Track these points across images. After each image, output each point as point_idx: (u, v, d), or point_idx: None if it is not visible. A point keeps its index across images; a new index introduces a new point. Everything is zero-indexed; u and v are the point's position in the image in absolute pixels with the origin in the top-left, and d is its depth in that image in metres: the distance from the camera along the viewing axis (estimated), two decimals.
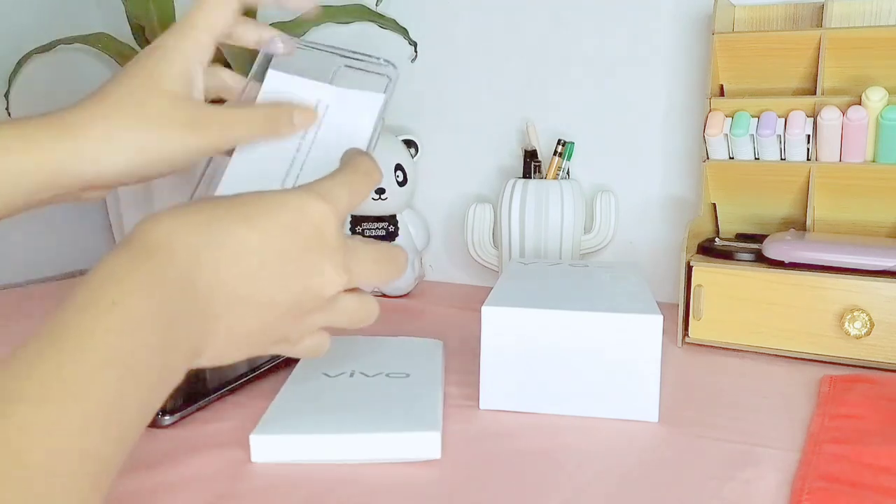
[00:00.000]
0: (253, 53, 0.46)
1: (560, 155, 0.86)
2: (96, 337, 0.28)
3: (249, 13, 0.48)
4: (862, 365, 0.61)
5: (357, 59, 0.45)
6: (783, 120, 0.70)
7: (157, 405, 0.30)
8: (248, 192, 0.35)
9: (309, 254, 0.35)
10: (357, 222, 0.90)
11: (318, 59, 0.46)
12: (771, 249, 0.65)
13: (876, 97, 0.66)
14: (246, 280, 0.34)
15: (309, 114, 0.44)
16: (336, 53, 0.46)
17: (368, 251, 0.38)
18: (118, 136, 0.40)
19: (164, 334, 0.30)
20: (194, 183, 0.46)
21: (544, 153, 0.87)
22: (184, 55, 0.42)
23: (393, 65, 0.45)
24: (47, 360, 0.26)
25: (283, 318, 0.36)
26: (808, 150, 0.70)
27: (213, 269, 0.33)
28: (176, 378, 0.31)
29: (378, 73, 0.45)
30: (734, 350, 0.66)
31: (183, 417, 0.49)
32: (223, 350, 0.34)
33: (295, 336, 0.37)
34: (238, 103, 0.45)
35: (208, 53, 0.44)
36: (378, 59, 0.45)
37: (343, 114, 0.45)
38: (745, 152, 0.73)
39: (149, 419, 0.30)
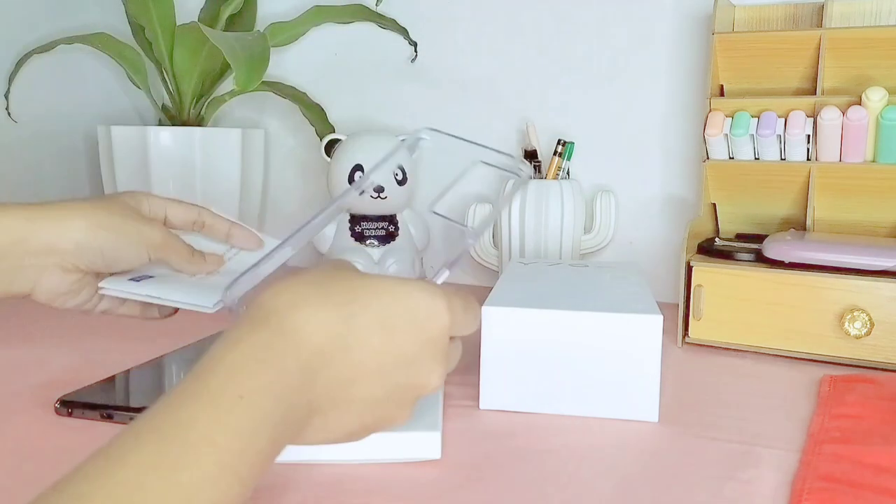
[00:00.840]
0: None
1: (560, 155, 0.86)
2: (217, 439, 0.27)
3: None
4: (862, 365, 0.61)
5: (493, 154, 0.46)
6: (783, 120, 0.70)
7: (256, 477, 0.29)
8: (383, 279, 0.35)
9: (424, 357, 0.35)
10: (357, 221, 0.90)
11: (456, 148, 0.47)
12: (771, 249, 0.65)
13: (876, 97, 0.66)
14: (360, 382, 0.33)
15: (217, 261, 0.54)
16: (476, 144, 0.47)
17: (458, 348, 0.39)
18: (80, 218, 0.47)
19: (276, 432, 0.29)
20: None
21: (544, 153, 0.87)
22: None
23: (525, 165, 0.48)
24: (158, 465, 0.25)
25: (381, 410, 0.35)
26: (808, 150, 0.70)
27: (337, 368, 0.32)
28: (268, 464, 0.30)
29: (512, 173, 0.46)
30: (734, 350, 0.66)
31: None
32: (310, 440, 0.34)
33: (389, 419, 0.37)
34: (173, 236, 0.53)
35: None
36: (513, 157, 0.46)
37: None
38: (745, 152, 0.73)
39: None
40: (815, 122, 0.69)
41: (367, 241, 0.89)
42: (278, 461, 0.42)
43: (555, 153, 0.86)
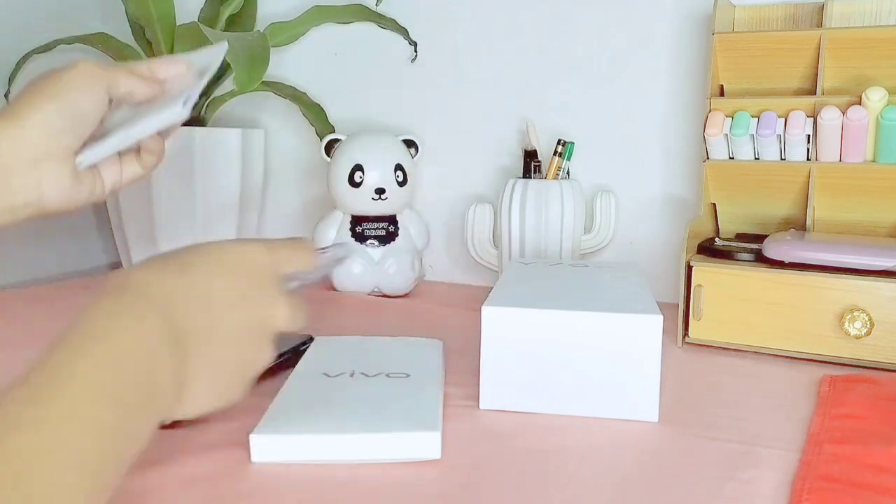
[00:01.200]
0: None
1: (560, 155, 0.86)
2: (88, 370, 0.30)
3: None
4: (862, 365, 0.61)
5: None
6: (783, 120, 0.70)
7: (147, 428, 0.32)
8: (209, 244, 0.39)
9: (258, 291, 0.39)
10: (357, 222, 0.90)
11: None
12: (771, 249, 0.65)
13: (876, 97, 0.66)
14: (213, 315, 0.37)
15: (175, 65, 0.52)
16: None
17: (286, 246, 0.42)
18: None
19: (148, 364, 0.33)
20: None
21: (544, 153, 0.87)
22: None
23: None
24: (44, 390, 0.29)
25: (242, 349, 0.38)
26: (808, 150, 0.70)
27: (185, 308, 0.36)
28: (162, 406, 0.34)
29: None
30: (734, 350, 0.66)
31: None
32: (205, 386, 0.37)
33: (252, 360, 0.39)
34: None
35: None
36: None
37: None
38: (745, 152, 0.73)
39: (140, 440, 0.32)
40: (815, 122, 0.69)
41: (368, 242, 0.89)
42: (279, 461, 0.42)
43: (555, 153, 0.86)
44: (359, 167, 0.87)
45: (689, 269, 0.67)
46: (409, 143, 0.92)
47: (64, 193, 0.47)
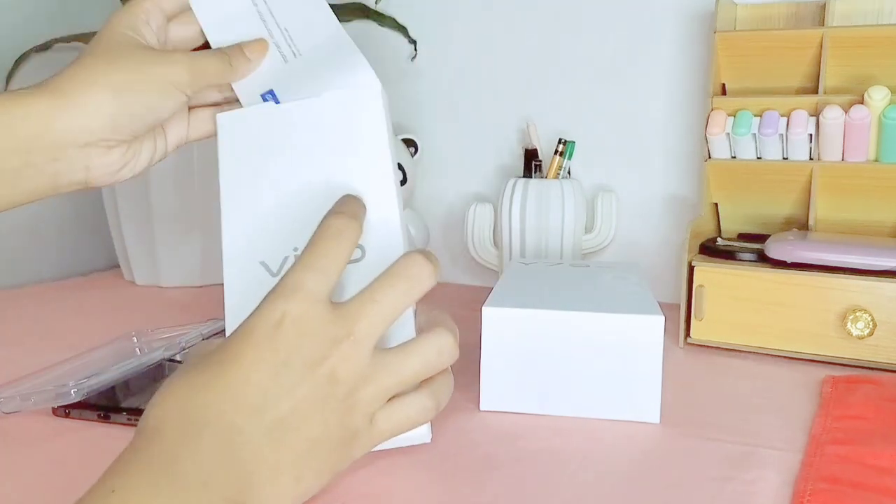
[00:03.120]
0: None
1: (561, 154, 0.85)
2: None
3: None
4: (864, 366, 0.61)
5: None
6: (785, 119, 0.70)
7: None
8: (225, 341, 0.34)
9: (299, 350, 0.34)
10: None
11: None
12: (773, 249, 0.64)
13: (878, 96, 0.66)
14: (253, 408, 0.32)
15: (260, 45, 0.47)
16: None
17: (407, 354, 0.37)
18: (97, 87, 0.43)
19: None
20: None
21: (545, 152, 0.87)
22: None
23: None
24: None
25: (322, 413, 0.34)
26: (811, 149, 0.70)
27: (213, 423, 0.32)
28: None
29: None
30: (736, 350, 0.66)
31: None
32: (285, 481, 0.32)
33: (361, 420, 0.35)
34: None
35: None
36: None
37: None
38: (747, 151, 0.72)
39: None
40: (817, 122, 0.68)
41: None
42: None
43: (556, 152, 0.85)
44: None
45: (691, 269, 0.67)
46: (409, 143, 0.91)
47: (112, 175, 0.45)
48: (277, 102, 0.46)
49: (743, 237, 0.75)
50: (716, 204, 0.77)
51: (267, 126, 0.45)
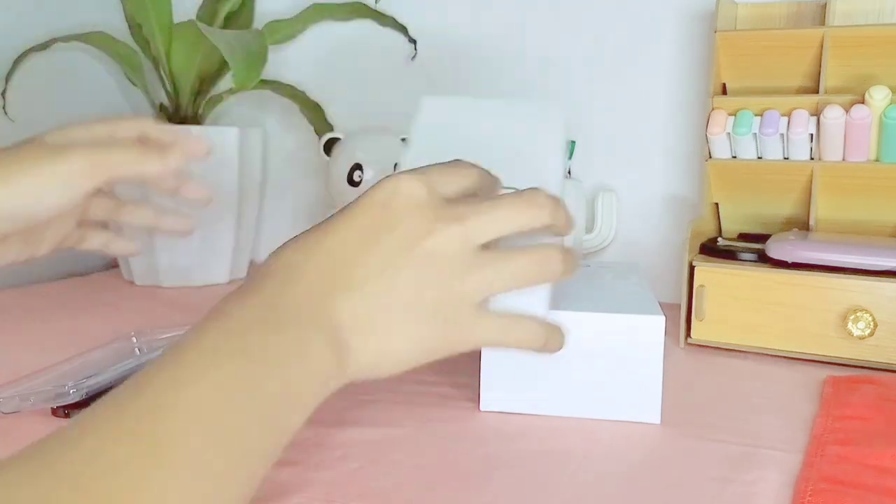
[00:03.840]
0: None
1: None
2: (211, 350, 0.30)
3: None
4: (865, 366, 0.61)
5: None
6: (786, 119, 0.70)
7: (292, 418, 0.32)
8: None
9: (408, 219, 0.34)
10: None
11: None
12: (774, 249, 0.64)
13: (879, 96, 0.66)
14: (354, 263, 0.34)
15: (195, 144, 0.47)
16: None
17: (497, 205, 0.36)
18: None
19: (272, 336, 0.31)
20: None
21: None
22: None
23: None
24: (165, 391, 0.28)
25: (417, 284, 0.34)
26: (812, 149, 0.70)
27: (311, 271, 0.33)
28: (309, 381, 0.32)
29: None
30: (737, 351, 0.65)
31: None
32: (375, 332, 0.34)
33: (462, 308, 0.35)
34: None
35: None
36: None
37: None
38: (747, 151, 0.72)
39: (279, 432, 0.31)
40: (818, 121, 0.68)
41: None
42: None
43: None
44: (358, 166, 0.86)
45: (692, 269, 0.67)
46: None
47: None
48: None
49: (743, 237, 0.75)
50: (716, 204, 0.77)
51: (465, 113, 0.49)
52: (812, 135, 0.69)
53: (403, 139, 0.91)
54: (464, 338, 0.36)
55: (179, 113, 0.92)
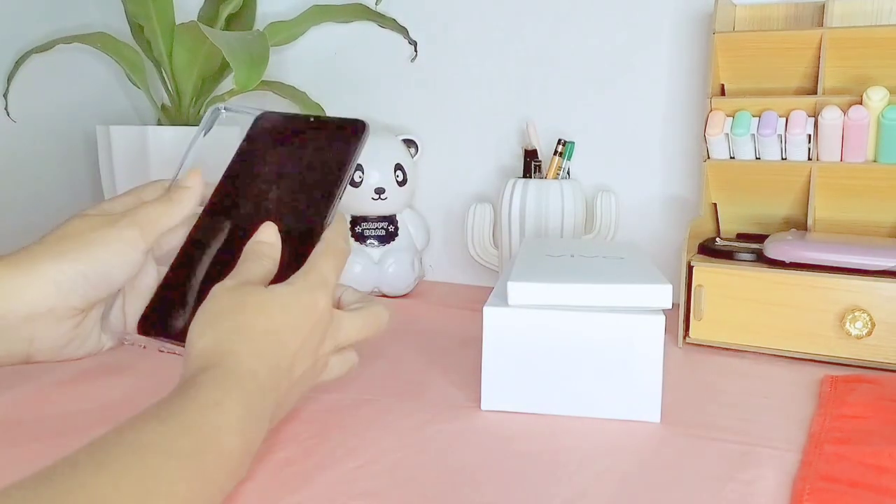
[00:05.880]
0: None
1: (560, 154, 0.85)
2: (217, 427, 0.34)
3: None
4: (863, 365, 0.61)
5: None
6: (784, 119, 0.70)
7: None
8: (269, 293, 0.42)
9: (315, 332, 0.43)
10: (356, 222, 0.89)
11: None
12: (772, 249, 0.65)
13: (877, 97, 0.66)
14: (281, 354, 0.41)
15: (194, 173, 0.49)
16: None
17: (354, 321, 0.47)
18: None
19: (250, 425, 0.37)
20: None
21: (544, 153, 0.87)
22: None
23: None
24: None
25: (304, 364, 0.43)
26: (809, 149, 0.70)
27: (258, 360, 0.39)
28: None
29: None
30: (735, 350, 0.66)
31: None
32: (288, 397, 0.42)
33: (321, 366, 0.46)
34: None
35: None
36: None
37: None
38: (745, 152, 0.73)
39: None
40: (815, 122, 0.69)
41: (367, 242, 0.89)
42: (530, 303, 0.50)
43: (555, 153, 0.86)
44: (358, 167, 0.87)
45: (690, 269, 0.67)
46: (409, 143, 0.92)
47: (55, 351, 0.44)
48: None
49: (742, 237, 0.75)
50: (715, 204, 0.78)
51: None
52: (810, 135, 0.70)
53: (403, 140, 0.92)
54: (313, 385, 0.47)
55: (181, 114, 0.92)
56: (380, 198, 0.87)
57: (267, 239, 0.45)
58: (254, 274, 0.43)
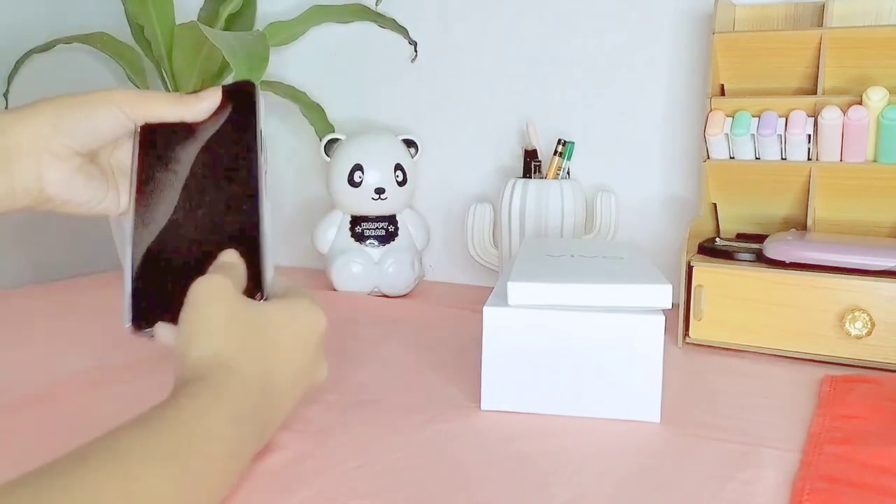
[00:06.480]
0: None
1: (560, 155, 0.86)
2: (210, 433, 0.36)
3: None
4: (863, 365, 0.61)
5: None
6: (784, 120, 0.70)
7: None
8: (268, 307, 0.44)
9: (312, 349, 0.45)
10: (357, 222, 0.89)
11: None
12: (772, 249, 0.65)
13: (877, 97, 0.66)
14: (277, 370, 0.43)
15: (214, 92, 0.49)
16: None
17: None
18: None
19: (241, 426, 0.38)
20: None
21: (544, 153, 0.87)
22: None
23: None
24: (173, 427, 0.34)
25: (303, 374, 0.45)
26: (809, 149, 0.70)
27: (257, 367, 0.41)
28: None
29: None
30: (735, 350, 0.66)
31: None
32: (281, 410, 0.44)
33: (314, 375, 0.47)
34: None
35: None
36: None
37: None
38: (745, 152, 0.73)
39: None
40: (815, 122, 0.69)
41: (367, 242, 0.89)
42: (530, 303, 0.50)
43: (555, 153, 0.86)
44: (358, 167, 0.87)
45: (690, 269, 0.67)
46: (409, 143, 0.92)
47: (64, 185, 0.47)
48: None
49: (741, 237, 0.75)
50: (714, 204, 0.78)
51: None
52: (810, 135, 0.70)
53: (403, 140, 0.92)
54: None
55: None
56: (380, 198, 0.87)
57: (227, 259, 0.45)
58: (234, 281, 0.43)
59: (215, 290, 0.42)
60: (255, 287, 0.44)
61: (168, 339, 0.44)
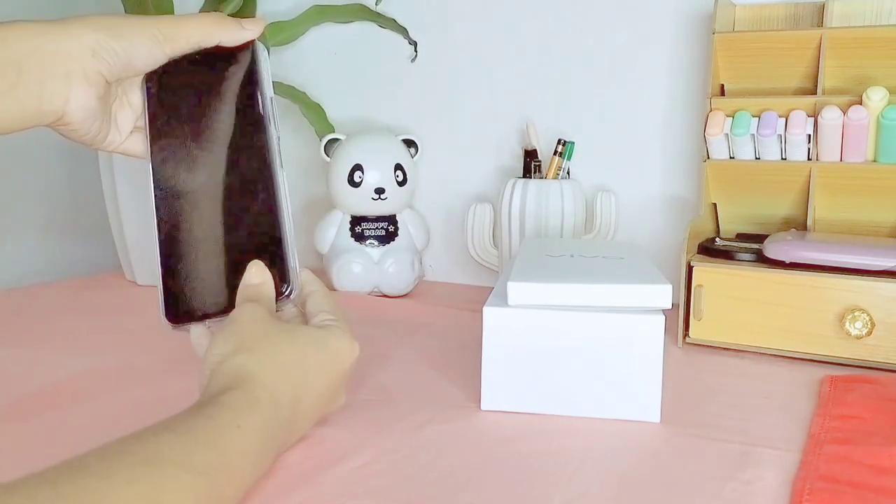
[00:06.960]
0: None
1: (560, 154, 0.86)
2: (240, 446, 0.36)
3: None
4: (863, 365, 0.61)
5: None
6: (784, 120, 0.70)
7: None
8: (305, 330, 0.45)
9: (339, 377, 0.46)
10: (357, 222, 0.89)
11: None
12: (772, 249, 0.65)
13: (877, 97, 0.66)
14: (305, 393, 0.43)
15: (258, 22, 0.50)
16: None
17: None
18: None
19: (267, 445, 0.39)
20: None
21: (544, 153, 0.87)
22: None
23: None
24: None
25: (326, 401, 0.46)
26: (809, 149, 0.70)
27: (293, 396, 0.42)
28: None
29: None
30: (735, 350, 0.66)
31: None
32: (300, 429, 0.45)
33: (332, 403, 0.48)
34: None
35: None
36: None
37: None
38: (745, 152, 0.73)
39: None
40: (815, 122, 0.69)
41: (367, 242, 0.89)
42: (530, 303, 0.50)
43: (555, 153, 0.86)
44: (358, 167, 0.87)
45: (690, 269, 0.67)
46: (409, 143, 0.92)
47: (87, 112, 0.47)
48: None
49: (741, 237, 0.75)
50: (714, 204, 0.78)
51: None
52: (810, 135, 0.70)
53: (403, 140, 0.92)
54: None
55: None
56: (380, 198, 0.87)
57: (255, 280, 0.46)
58: (266, 305, 0.45)
59: (257, 315, 0.43)
60: (281, 280, 0.46)
61: (200, 341, 0.45)
